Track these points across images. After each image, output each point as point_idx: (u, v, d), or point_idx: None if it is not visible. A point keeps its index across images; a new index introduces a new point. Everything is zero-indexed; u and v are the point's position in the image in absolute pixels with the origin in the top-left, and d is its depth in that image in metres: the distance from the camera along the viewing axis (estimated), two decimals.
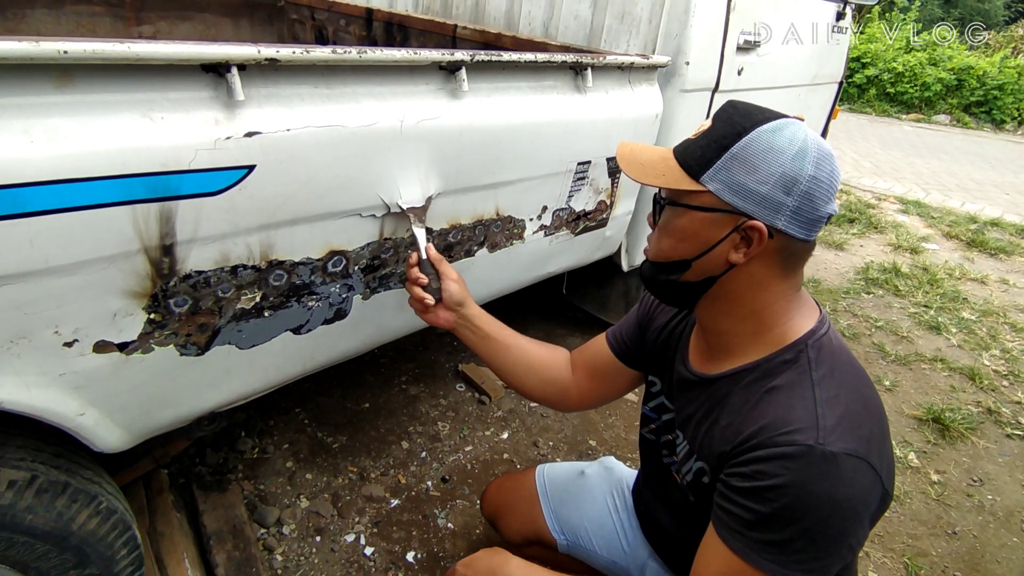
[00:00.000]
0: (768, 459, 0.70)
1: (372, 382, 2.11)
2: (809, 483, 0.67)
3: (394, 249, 1.19)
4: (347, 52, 0.94)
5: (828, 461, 0.67)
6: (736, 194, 0.74)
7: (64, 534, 0.92)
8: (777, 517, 0.68)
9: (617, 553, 1.16)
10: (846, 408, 0.72)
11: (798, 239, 0.75)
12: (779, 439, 0.70)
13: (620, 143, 0.88)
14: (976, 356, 2.74)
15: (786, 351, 0.78)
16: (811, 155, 0.72)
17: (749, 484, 0.71)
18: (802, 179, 0.72)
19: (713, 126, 0.77)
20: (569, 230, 1.65)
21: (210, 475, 1.62)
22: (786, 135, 0.72)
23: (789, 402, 0.73)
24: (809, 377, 0.74)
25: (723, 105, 0.79)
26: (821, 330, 0.79)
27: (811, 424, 0.69)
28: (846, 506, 0.67)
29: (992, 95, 8.84)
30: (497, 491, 1.33)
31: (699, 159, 0.76)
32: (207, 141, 0.83)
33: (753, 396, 0.78)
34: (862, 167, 6.04)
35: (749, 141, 0.73)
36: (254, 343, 1.06)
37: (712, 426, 0.83)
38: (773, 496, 0.68)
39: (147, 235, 0.83)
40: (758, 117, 0.75)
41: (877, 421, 0.74)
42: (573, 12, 1.94)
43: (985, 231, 4.36)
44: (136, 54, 0.74)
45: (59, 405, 0.86)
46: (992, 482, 2.00)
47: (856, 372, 0.78)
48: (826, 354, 0.77)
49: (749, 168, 0.73)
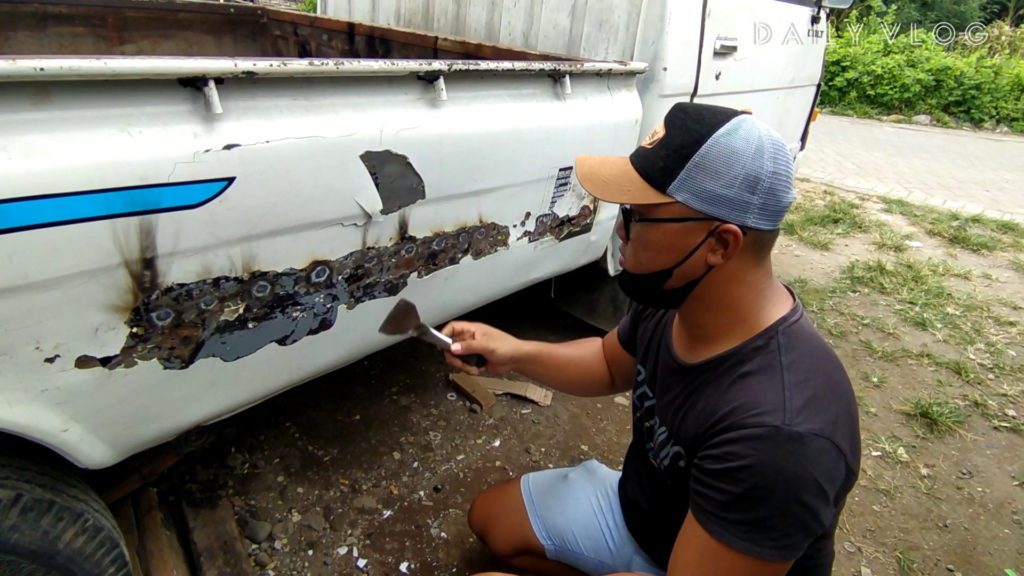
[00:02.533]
0: (738, 440, 0.72)
1: (362, 393, 2.10)
2: (776, 462, 0.69)
3: (377, 258, 1.20)
4: (324, 64, 0.96)
5: (794, 440, 0.69)
6: (705, 201, 0.75)
7: (50, 553, 0.91)
8: (747, 496, 0.71)
9: (604, 553, 1.16)
10: (814, 392, 0.74)
11: (767, 230, 0.77)
12: (748, 421, 0.73)
13: (576, 159, 0.87)
14: (961, 350, 2.77)
15: (758, 338, 0.80)
16: (768, 151, 0.74)
17: (720, 466, 0.73)
18: (764, 176, 0.74)
19: (668, 134, 0.77)
20: (553, 236, 1.66)
21: (200, 492, 1.61)
22: (742, 135, 0.74)
23: (759, 386, 0.76)
24: (779, 362, 0.77)
25: (672, 110, 0.79)
26: (793, 317, 0.81)
27: (779, 406, 0.72)
28: (812, 484, 0.69)
29: (970, 95, 8.99)
30: (483, 504, 1.34)
31: (662, 171, 0.77)
32: (186, 154, 0.84)
33: (726, 381, 0.80)
34: (845, 168, 6.12)
35: (708, 148, 0.74)
36: (239, 355, 1.06)
37: (688, 411, 0.85)
38: (743, 476, 0.71)
39: (127, 249, 0.83)
40: (712, 120, 0.75)
41: (845, 405, 0.76)
42: (552, 22, 1.97)
43: (967, 227, 4.42)
44: (112, 70, 0.75)
45: (42, 422, 0.86)
46: (981, 474, 2.02)
47: (827, 357, 0.80)
48: (796, 340, 0.79)
49: (712, 174, 0.74)
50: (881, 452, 2.07)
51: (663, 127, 0.78)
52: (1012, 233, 4.39)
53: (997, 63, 9.22)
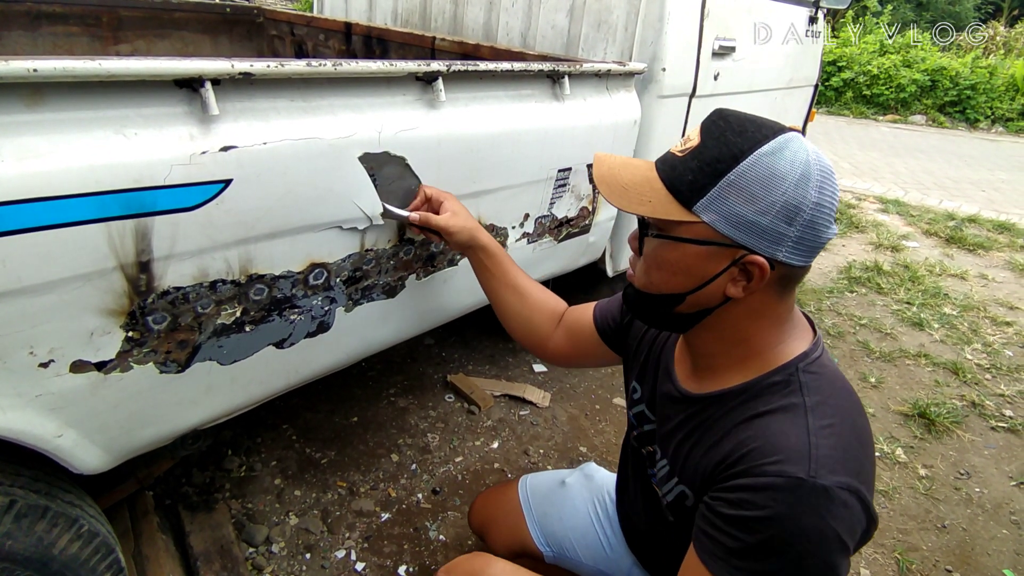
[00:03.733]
0: (756, 488, 0.66)
1: (360, 395, 2.09)
2: (798, 517, 0.63)
3: (376, 260, 1.19)
4: (322, 65, 0.95)
5: (819, 495, 0.63)
6: (734, 226, 0.67)
7: (45, 559, 0.90)
8: (762, 547, 0.65)
9: (602, 561, 1.15)
10: (839, 439, 0.67)
11: (798, 266, 0.70)
12: (768, 468, 0.65)
13: (596, 157, 0.79)
14: (959, 351, 2.77)
15: (775, 373, 0.73)
16: (814, 179, 0.66)
17: (735, 512, 0.67)
18: (806, 207, 0.65)
19: (704, 144, 0.68)
20: (552, 237, 1.66)
21: (196, 495, 1.59)
22: (787, 157, 0.65)
23: (781, 428, 0.68)
24: (803, 403, 0.70)
25: (712, 117, 0.71)
26: (815, 353, 0.74)
27: (803, 455, 0.65)
28: (834, 539, 0.63)
29: (965, 95, 9.03)
30: (483, 505, 1.33)
31: (690, 184, 0.68)
32: (182, 156, 0.83)
33: (737, 418, 0.73)
34: (842, 168, 6.13)
35: (748, 167, 0.65)
36: (236, 358, 1.05)
37: (694, 447, 0.79)
38: (760, 527, 0.64)
39: (123, 252, 0.82)
40: (755, 136, 0.67)
41: (869, 454, 0.70)
42: (550, 22, 1.96)
43: (963, 228, 4.43)
44: (107, 71, 0.74)
45: (36, 427, 0.85)
46: (979, 475, 2.02)
47: (850, 400, 0.74)
48: (820, 379, 0.72)
49: (748, 197, 0.66)
50: (879, 453, 2.08)
51: (698, 134, 0.70)
52: (1008, 233, 4.41)
53: (992, 63, 9.26)
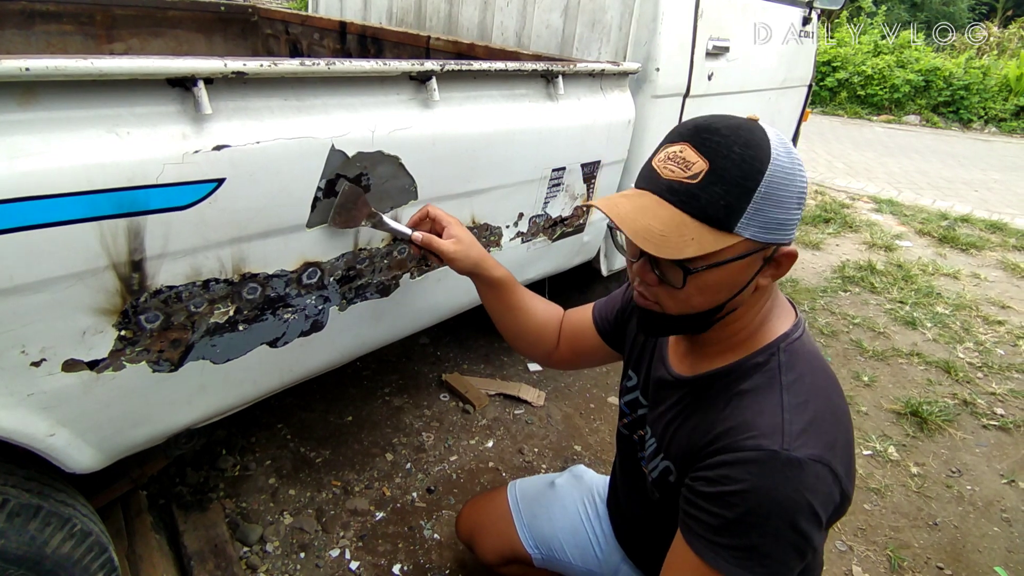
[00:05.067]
0: (733, 463, 0.70)
1: (355, 395, 2.09)
2: (772, 488, 0.67)
3: (369, 259, 1.19)
4: (315, 64, 0.95)
5: (792, 466, 0.67)
6: (771, 230, 0.70)
7: (38, 558, 0.90)
8: (741, 522, 0.68)
9: (591, 560, 1.16)
10: (814, 415, 0.71)
11: None
12: (745, 443, 0.70)
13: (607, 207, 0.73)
14: (951, 349, 2.79)
15: (758, 354, 0.77)
16: (797, 159, 0.70)
17: (714, 489, 0.71)
18: (806, 187, 0.71)
19: (718, 166, 0.67)
20: (546, 236, 1.66)
21: (190, 494, 1.59)
22: (782, 152, 0.69)
23: (757, 406, 0.73)
24: (779, 381, 0.74)
25: (698, 134, 0.70)
26: (795, 333, 0.78)
27: (777, 429, 0.69)
28: (807, 510, 0.67)
29: (959, 95, 9.07)
30: (471, 512, 1.33)
31: (725, 209, 0.68)
32: (175, 155, 0.83)
33: (723, 398, 0.77)
34: (836, 168, 6.15)
35: (771, 176, 0.68)
36: (229, 357, 1.05)
37: (681, 426, 0.83)
38: (737, 501, 0.68)
39: (115, 251, 0.82)
40: (753, 140, 0.68)
41: (843, 428, 0.74)
42: (545, 22, 1.96)
43: (956, 227, 4.46)
44: (99, 70, 0.74)
45: (28, 426, 0.84)
46: (970, 472, 2.04)
47: (828, 378, 0.77)
48: (798, 359, 0.76)
49: (777, 202, 0.69)
50: (872, 451, 2.09)
51: (700, 157, 0.68)
52: (1000, 233, 4.43)
53: (985, 64, 9.30)
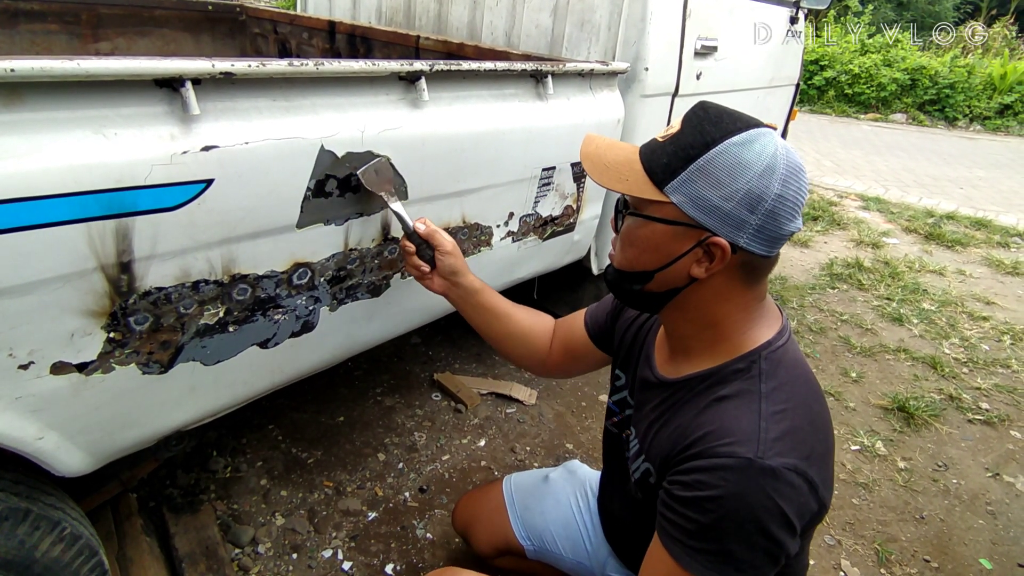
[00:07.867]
0: (707, 469, 0.70)
1: (346, 395, 2.09)
2: (746, 495, 0.67)
3: (360, 259, 1.19)
4: (304, 64, 0.95)
5: (766, 474, 0.67)
6: (699, 209, 0.71)
7: (27, 562, 0.90)
8: (715, 527, 0.68)
9: (581, 553, 1.17)
10: (791, 424, 0.71)
11: (759, 255, 0.74)
12: (720, 449, 0.70)
13: (585, 136, 0.83)
14: (937, 345, 2.82)
15: (739, 360, 0.77)
16: (779, 172, 0.69)
17: (689, 494, 0.71)
18: (768, 198, 0.69)
19: (682, 131, 0.73)
20: (537, 235, 1.66)
21: (181, 497, 1.58)
22: (755, 149, 0.70)
23: (735, 413, 0.73)
24: (758, 389, 0.74)
25: (694, 107, 0.75)
26: (779, 341, 0.78)
27: (752, 437, 0.69)
28: (780, 518, 0.67)
29: (944, 93, 9.17)
30: (466, 505, 1.34)
31: (664, 167, 0.73)
32: (163, 156, 0.83)
33: (702, 403, 0.78)
34: (824, 166, 6.20)
35: (716, 154, 0.70)
36: (219, 359, 1.05)
37: (661, 429, 0.83)
38: (711, 507, 0.68)
39: (103, 253, 0.82)
40: (728, 126, 0.71)
41: (822, 439, 0.74)
42: (534, 21, 1.97)
43: (942, 224, 4.51)
44: (86, 71, 0.74)
45: (16, 430, 0.84)
46: (956, 466, 2.06)
47: (809, 388, 0.78)
48: (780, 367, 0.76)
49: (714, 182, 0.70)
50: (860, 446, 2.11)
51: (680, 123, 0.74)
52: (985, 230, 4.49)
53: (970, 62, 9.41)
